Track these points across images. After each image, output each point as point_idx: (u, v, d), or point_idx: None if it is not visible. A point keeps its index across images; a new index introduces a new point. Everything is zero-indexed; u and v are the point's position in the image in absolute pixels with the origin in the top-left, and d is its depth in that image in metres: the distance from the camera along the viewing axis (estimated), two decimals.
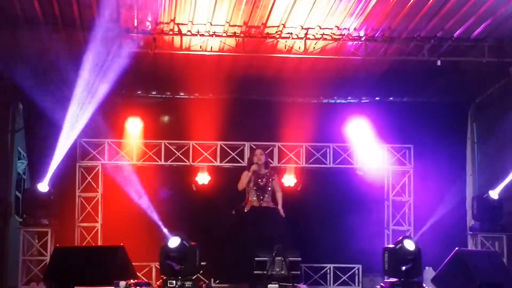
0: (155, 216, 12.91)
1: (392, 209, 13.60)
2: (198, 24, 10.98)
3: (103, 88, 11.73)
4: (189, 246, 10.61)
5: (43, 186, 12.22)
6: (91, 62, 11.06)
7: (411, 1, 10.05)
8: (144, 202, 12.68)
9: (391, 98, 14.16)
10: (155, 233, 12.43)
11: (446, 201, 13.57)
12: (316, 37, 11.35)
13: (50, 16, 10.62)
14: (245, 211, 10.71)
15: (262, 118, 13.44)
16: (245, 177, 10.77)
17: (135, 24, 10.92)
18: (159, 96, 14.03)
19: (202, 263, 11.96)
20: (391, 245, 11.59)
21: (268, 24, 10.98)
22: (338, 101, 14.35)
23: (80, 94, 11.80)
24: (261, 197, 10.71)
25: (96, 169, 13.09)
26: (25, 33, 10.94)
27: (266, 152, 11.75)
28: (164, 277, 10.24)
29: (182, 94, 14.03)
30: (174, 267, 9.97)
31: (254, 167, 10.72)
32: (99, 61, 11.13)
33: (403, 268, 10.89)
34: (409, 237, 11.53)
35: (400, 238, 11.42)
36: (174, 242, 10.70)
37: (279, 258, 9.53)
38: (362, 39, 11.41)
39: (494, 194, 12.68)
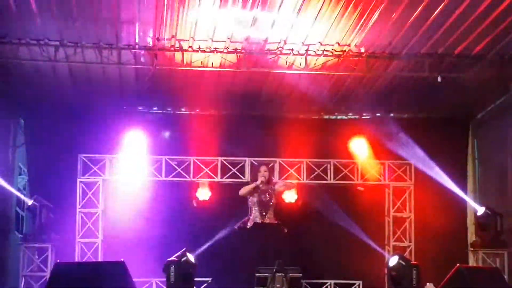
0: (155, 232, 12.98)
1: (392, 225, 13.58)
2: (199, 40, 11.01)
3: None
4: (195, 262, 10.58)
5: (30, 201, 12.24)
6: None
7: (412, 18, 10.07)
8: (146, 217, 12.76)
9: (392, 114, 14.17)
10: (156, 249, 12.46)
11: (447, 217, 13.57)
12: (317, 53, 11.36)
13: (51, 31, 10.65)
14: (248, 227, 10.72)
15: (262, 134, 13.43)
16: (251, 185, 10.81)
17: (137, 40, 10.94)
18: (160, 111, 14.05)
19: (206, 279, 12.04)
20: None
21: (269, 40, 11.01)
22: (339, 117, 14.36)
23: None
24: (264, 213, 10.73)
25: (97, 184, 13.08)
26: (26, 50, 10.98)
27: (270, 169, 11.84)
28: None
29: (183, 110, 14.05)
30: None
31: (262, 178, 10.75)
32: None
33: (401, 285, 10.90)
34: (398, 254, 11.55)
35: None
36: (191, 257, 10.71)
37: (280, 274, 9.51)
38: (363, 55, 11.43)
39: (480, 210, 12.70)
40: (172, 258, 10.90)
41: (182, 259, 10.89)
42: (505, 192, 12.91)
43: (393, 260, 11.07)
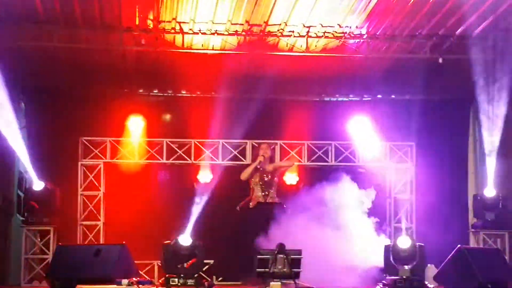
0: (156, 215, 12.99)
1: (394, 207, 13.60)
2: (199, 22, 10.99)
3: None
4: (198, 244, 10.65)
5: (38, 185, 12.22)
6: None
7: None
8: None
9: (393, 96, 14.16)
10: (157, 231, 12.48)
11: (448, 198, 13.59)
12: (318, 35, 11.36)
13: (51, 14, 10.62)
14: (250, 207, 10.73)
15: (264, 116, 13.41)
16: (250, 166, 10.80)
17: (137, 23, 10.92)
18: (161, 94, 14.03)
19: (208, 261, 12.07)
20: (390, 243, 11.62)
21: (269, 22, 10.99)
22: (340, 99, 14.35)
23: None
24: (266, 192, 10.75)
25: (98, 167, 13.09)
26: (27, 31, 10.95)
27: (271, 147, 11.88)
28: (167, 275, 10.27)
29: (183, 92, 14.03)
30: None
31: (260, 158, 10.73)
32: None
33: (406, 266, 10.92)
34: (405, 235, 11.55)
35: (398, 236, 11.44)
36: (186, 240, 10.73)
37: (281, 256, 9.54)
38: (364, 37, 11.42)
39: (488, 191, 12.69)
40: (166, 242, 10.94)
41: (175, 242, 10.92)
42: (506, 174, 12.91)
43: (403, 240, 11.06)
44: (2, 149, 12.38)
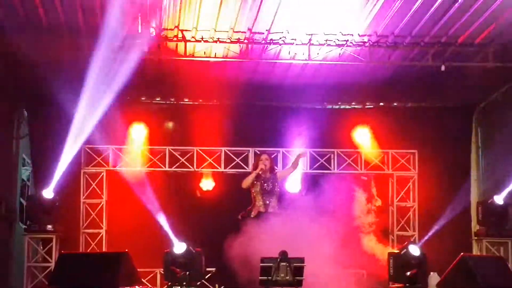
0: (159, 222, 12.98)
1: (396, 215, 13.59)
2: (202, 30, 11.00)
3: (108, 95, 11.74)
4: (195, 252, 10.64)
5: (47, 193, 12.21)
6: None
7: (415, 7, 10.05)
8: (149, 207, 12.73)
9: (395, 104, 14.15)
10: (160, 239, 12.47)
11: (451, 206, 13.55)
12: (320, 43, 11.36)
13: (54, 23, 10.64)
14: (252, 216, 10.73)
15: (266, 124, 13.43)
16: (251, 175, 10.80)
17: (140, 31, 10.92)
18: (164, 102, 14.02)
19: (210, 269, 12.05)
20: (396, 251, 11.64)
21: (272, 30, 11.00)
22: (342, 106, 14.34)
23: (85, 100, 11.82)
24: (268, 202, 10.74)
25: (101, 175, 13.10)
26: (29, 39, 10.96)
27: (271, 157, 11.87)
28: (169, 283, 10.27)
29: (186, 100, 14.02)
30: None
31: (262, 166, 10.73)
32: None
33: (408, 273, 10.93)
34: (413, 243, 11.59)
35: (405, 243, 11.48)
36: (180, 248, 10.73)
37: (284, 263, 9.52)
38: (366, 44, 11.41)
39: (499, 199, 12.66)
40: (166, 251, 10.95)
41: (171, 250, 10.94)
42: (509, 181, 12.89)
43: (414, 249, 11.10)
44: (5, 157, 12.40)
